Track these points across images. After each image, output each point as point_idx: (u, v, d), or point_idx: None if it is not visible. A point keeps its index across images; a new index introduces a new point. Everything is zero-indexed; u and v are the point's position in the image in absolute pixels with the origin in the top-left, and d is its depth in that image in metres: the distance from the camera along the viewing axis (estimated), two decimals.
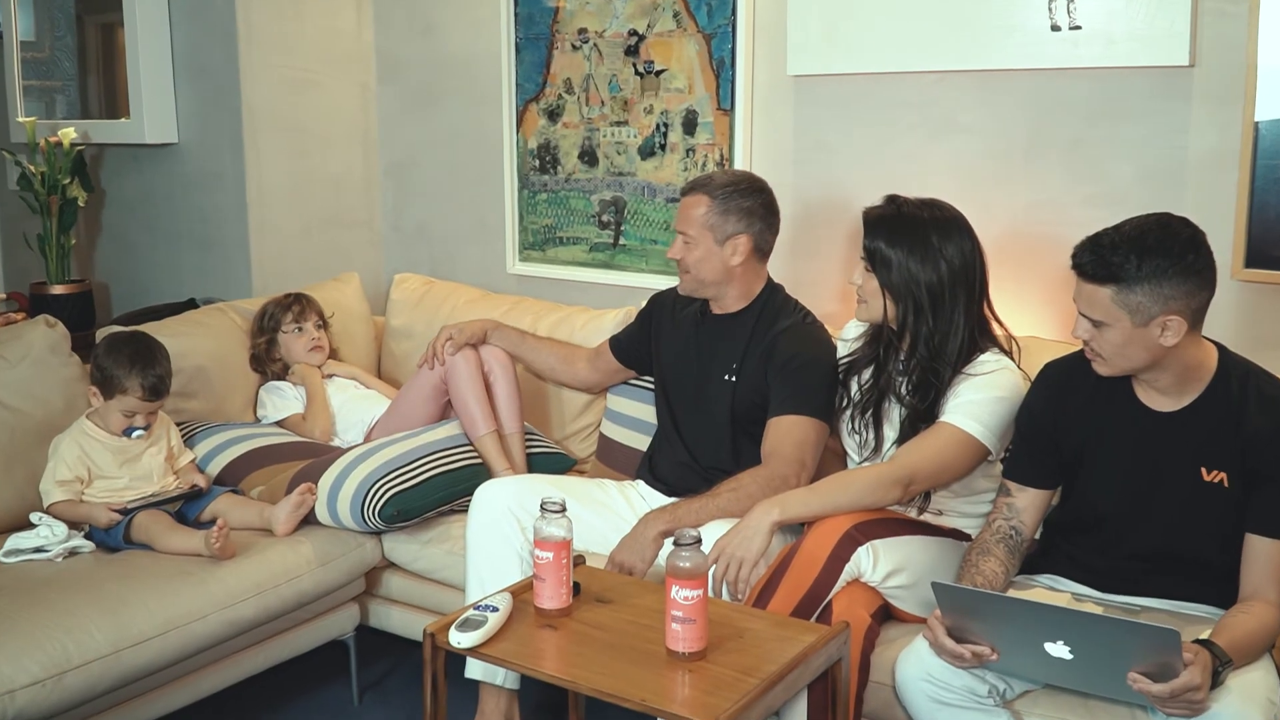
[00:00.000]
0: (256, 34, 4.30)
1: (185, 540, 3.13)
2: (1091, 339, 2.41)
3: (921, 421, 2.79)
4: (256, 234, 4.40)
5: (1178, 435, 2.46)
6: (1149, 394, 2.49)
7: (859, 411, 2.94)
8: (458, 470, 3.41)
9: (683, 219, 3.14)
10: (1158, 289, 2.30)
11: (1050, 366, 2.69)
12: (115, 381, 3.21)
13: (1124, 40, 3.05)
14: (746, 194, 3.12)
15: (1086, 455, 2.57)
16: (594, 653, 2.38)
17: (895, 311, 2.81)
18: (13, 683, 2.60)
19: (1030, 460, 2.65)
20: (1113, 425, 2.53)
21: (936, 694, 2.40)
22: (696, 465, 3.19)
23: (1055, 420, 2.60)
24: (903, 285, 2.79)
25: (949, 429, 2.74)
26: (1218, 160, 3.04)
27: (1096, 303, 2.36)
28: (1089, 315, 2.39)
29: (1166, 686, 2.10)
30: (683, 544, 2.31)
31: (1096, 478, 2.56)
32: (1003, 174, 3.35)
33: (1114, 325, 2.35)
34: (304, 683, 3.59)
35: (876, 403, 2.91)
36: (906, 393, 2.83)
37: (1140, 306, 2.31)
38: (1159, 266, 2.29)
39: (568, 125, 4.16)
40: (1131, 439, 2.51)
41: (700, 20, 3.79)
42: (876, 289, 2.82)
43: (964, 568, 2.58)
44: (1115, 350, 2.39)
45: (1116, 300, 2.33)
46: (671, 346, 3.30)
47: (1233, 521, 2.43)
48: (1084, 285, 2.37)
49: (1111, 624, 2.21)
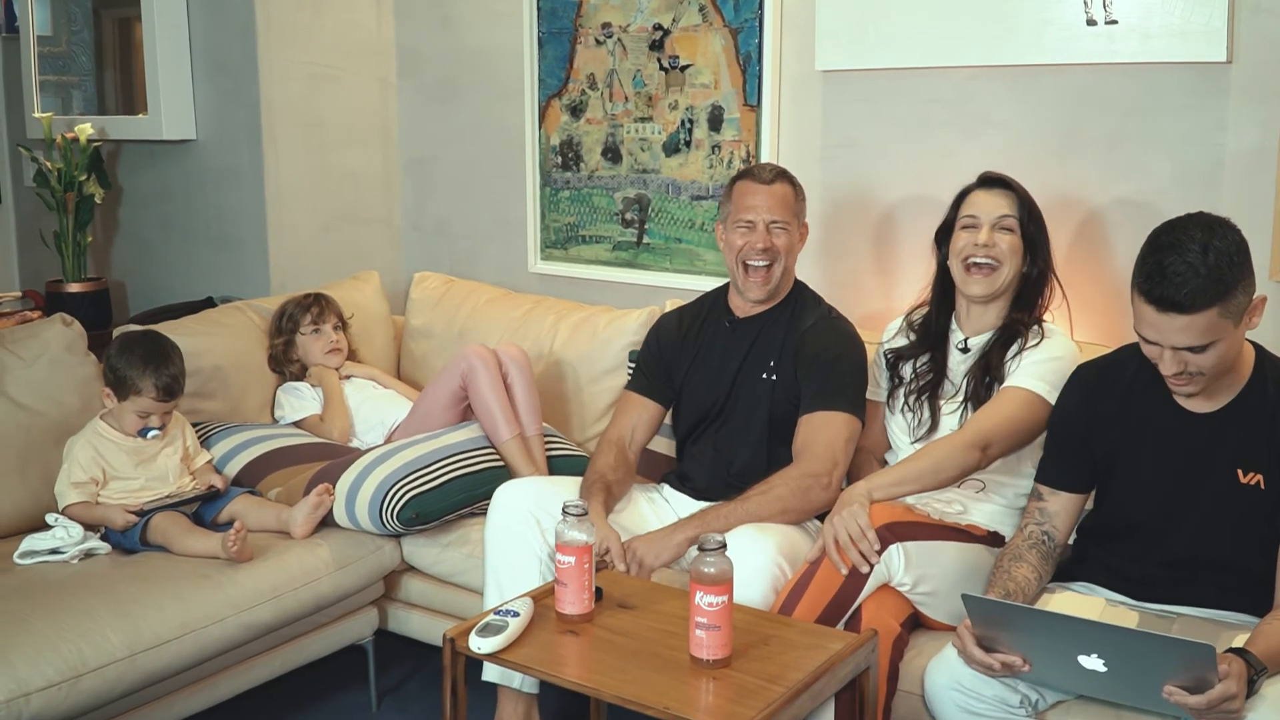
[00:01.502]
0: (275, 28, 4.28)
1: (202, 542, 3.11)
2: (1188, 364, 2.33)
3: (990, 376, 2.87)
4: (275, 231, 4.38)
5: (1214, 437, 2.43)
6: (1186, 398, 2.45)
7: (914, 392, 2.98)
8: (478, 473, 3.38)
9: (775, 206, 3.09)
10: (1242, 280, 2.27)
11: (1084, 368, 2.67)
12: (129, 382, 3.19)
13: (1160, 35, 3.01)
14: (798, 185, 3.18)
15: (1121, 459, 2.54)
16: (616, 659, 2.36)
17: (1021, 262, 2.90)
18: (28, 686, 2.58)
19: (1063, 463, 2.63)
20: (1148, 428, 2.50)
21: (967, 703, 2.37)
22: (727, 469, 3.14)
23: (1089, 423, 2.57)
24: (1036, 236, 2.91)
25: (1014, 391, 2.79)
26: (1256, 158, 3.00)
27: (1199, 329, 2.26)
28: (1189, 345, 2.29)
29: (1203, 698, 2.07)
30: (707, 549, 2.29)
31: (1131, 481, 2.53)
32: (1037, 171, 3.28)
33: (1222, 339, 2.29)
34: (321, 688, 3.56)
35: (934, 384, 2.95)
36: (995, 344, 2.91)
37: (1239, 307, 2.28)
38: (1233, 261, 2.25)
39: (591, 121, 4.12)
40: (1166, 441, 2.47)
41: (727, 14, 3.74)
42: (1019, 246, 2.89)
43: (995, 574, 2.54)
44: (1217, 363, 2.32)
45: (1223, 313, 2.26)
46: (700, 360, 3.24)
47: (1270, 525, 2.39)
48: (1176, 319, 2.26)
49: (1145, 638, 2.18)
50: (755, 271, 3.09)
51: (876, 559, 2.58)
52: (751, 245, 3.07)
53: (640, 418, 3.26)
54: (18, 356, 3.39)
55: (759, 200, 3.09)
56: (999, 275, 2.87)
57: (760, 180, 3.11)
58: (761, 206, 3.08)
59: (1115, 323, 3.16)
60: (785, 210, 3.09)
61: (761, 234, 3.07)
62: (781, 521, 2.85)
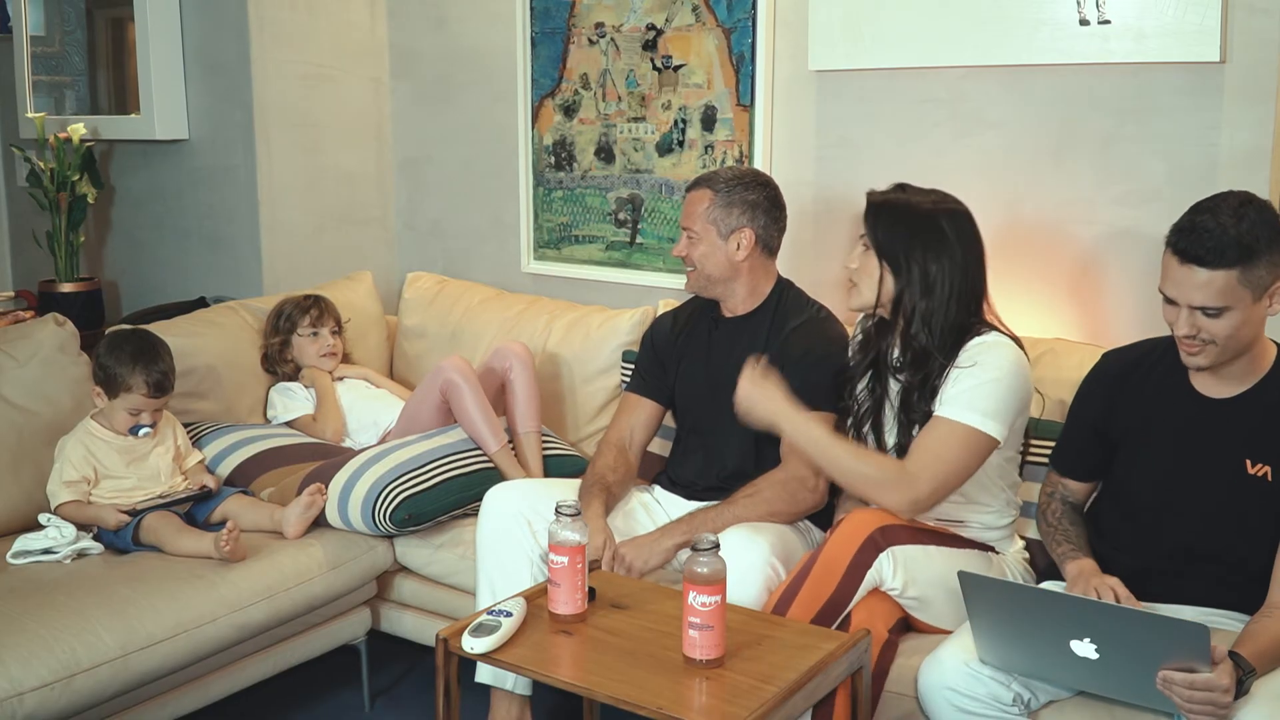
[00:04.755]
0: (269, 28, 4.27)
1: (195, 542, 3.10)
2: (1201, 330, 2.34)
3: (917, 395, 2.73)
4: (268, 231, 4.37)
5: (1227, 423, 2.44)
6: (1205, 379, 2.46)
7: (858, 423, 2.88)
8: (471, 474, 3.38)
9: (687, 215, 3.11)
10: (1272, 256, 2.29)
11: (1108, 357, 2.68)
12: (119, 380, 3.19)
13: (1154, 35, 3.01)
14: (750, 187, 3.08)
15: (1131, 442, 2.56)
16: (610, 659, 2.36)
17: (893, 288, 2.73)
18: (21, 685, 2.58)
19: (1075, 452, 2.70)
20: (1161, 412, 2.52)
21: (961, 703, 2.36)
22: (716, 471, 3.14)
23: (1104, 407, 2.60)
24: (904, 259, 2.71)
25: (945, 425, 2.64)
26: (1250, 158, 2.99)
27: (1217, 289, 2.29)
28: (1205, 305, 2.31)
29: (1192, 678, 2.09)
30: (701, 549, 2.29)
31: (1138, 465, 2.55)
32: (1031, 171, 3.30)
33: (1235, 307, 2.30)
34: (314, 688, 3.56)
35: (875, 412, 2.85)
36: (900, 368, 2.77)
37: (1260, 280, 2.29)
38: (1271, 235, 2.29)
39: (584, 121, 4.12)
40: (1177, 426, 2.49)
41: (720, 14, 3.74)
42: (875, 268, 2.75)
43: (1048, 533, 2.66)
44: (1229, 334, 2.33)
45: (1242, 279, 2.28)
46: (689, 360, 3.24)
47: (1272, 519, 2.40)
48: (1200, 272, 2.29)
49: (1139, 617, 2.20)
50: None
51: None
52: (676, 250, 3.15)
53: (639, 418, 3.26)
54: (11, 356, 3.38)
55: (683, 207, 3.14)
56: (858, 295, 2.79)
57: (688, 187, 3.15)
58: (682, 213, 3.13)
59: (1111, 323, 3.16)
60: (691, 218, 3.08)
61: (682, 241, 3.12)
62: (770, 523, 2.86)
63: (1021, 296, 3.20)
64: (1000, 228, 3.26)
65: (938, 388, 2.69)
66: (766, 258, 3.12)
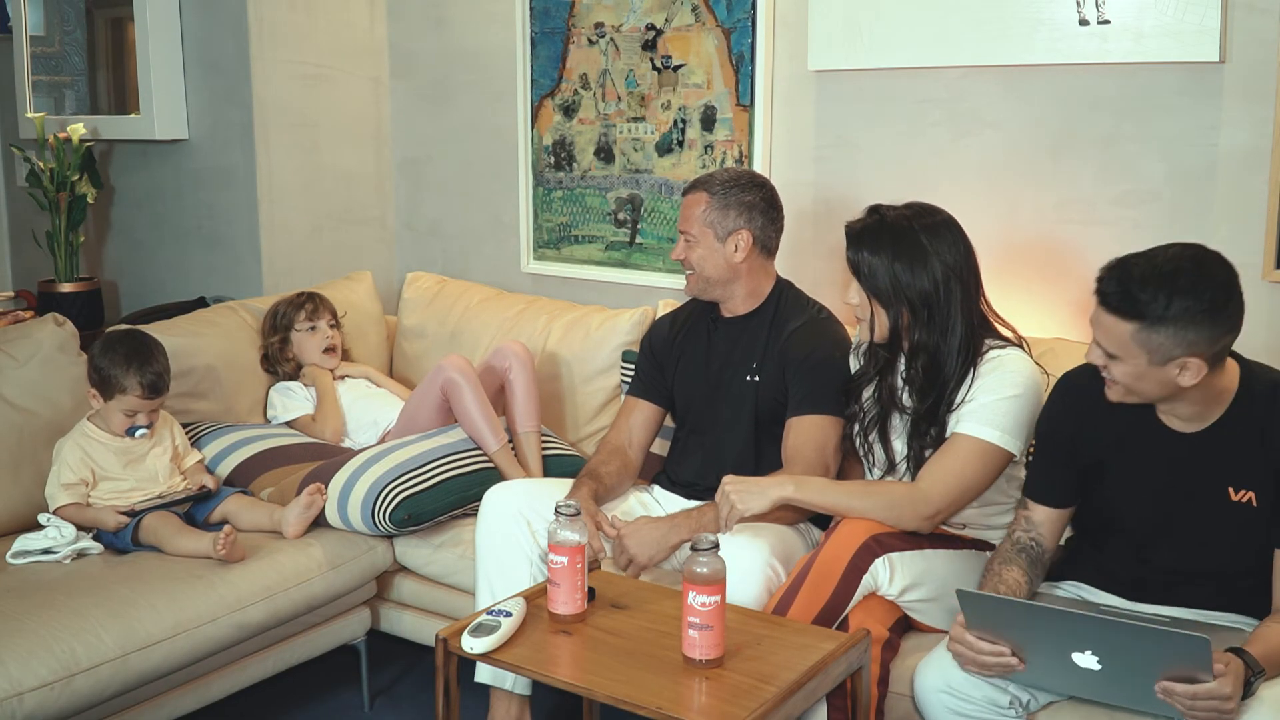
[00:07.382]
0: (268, 28, 4.27)
1: (194, 542, 3.10)
2: (1105, 366, 2.31)
3: (925, 424, 2.73)
4: (267, 231, 4.37)
5: (1202, 456, 2.37)
6: (1169, 418, 2.40)
7: (864, 431, 2.88)
8: (471, 474, 3.37)
9: (684, 218, 3.11)
10: (1182, 333, 2.18)
11: (1069, 376, 2.58)
12: (114, 381, 3.18)
13: (1153, 35, 3.01)
14: (746, 189, 3.08)
15: (1108, 466, 2.49)
16: (609, 659, 2.35)
17: (888, 321, 2.73)
18: (21, 685, 2.58)
19: (1046, 477, 2.56)
20: (1135, 441, 2.44)
21: (957, 705, 2.36)
22: (716, 471, 3.12)
23: (1074, 431, 2.51)
24: (892, 291, 2.70)
25: (965, 441, 2.66)
26: (1249, 159, 2.99)
27: (1114, 335, 2.24)
28: (1103, 345, 2.28)
29: (1194, 688, 2.06)
30: (700, 549, 2.29)
31: (1119, 491, 2.48)
32: (1030, 172, 3.29)
33: (1128, 361, 2.25)
34: (314, 688, 3.56)
35: (882, 420, 2.84)
36: (910, 399, 2.77)
37: (1160, 347, 2.20)
38: (1188, 309, 2.16)
39: (584, 121, 4.12)
40: (1154, 458, 2.42)
41: (719, 14, 3.74)
42: (868, 305, 2.75)
43: (986, 576, 2.51)
44: (1128, 382, 2.29)
45: (1136, 338, 2.21)
46: (687, 360, 3.24)
47: (1262, 539, 2.36)
48: (1103, 314, 2.25)
49: (1140, 632, 2.16)
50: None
51: (724, 531, 2.67)
52: (674, 253, 3.15)
53: (638, 420, 3.26)
54: (10, 356, 3.38)
55: (680, 210, 3.14)
56: (867, 330, 2.78)
57: (684, 191, 3.15)
58: (679, 217, 3.13)
59: None
60: (688, 221, 3.09)
61: (680, 244, 3.11)
62: (770, 524, 2.85)
63: (1021, 296, 3.20)
64: (999, 228, 3.27)
65: (953, 401, 2.70)
66: (765, 258, 3.12)
